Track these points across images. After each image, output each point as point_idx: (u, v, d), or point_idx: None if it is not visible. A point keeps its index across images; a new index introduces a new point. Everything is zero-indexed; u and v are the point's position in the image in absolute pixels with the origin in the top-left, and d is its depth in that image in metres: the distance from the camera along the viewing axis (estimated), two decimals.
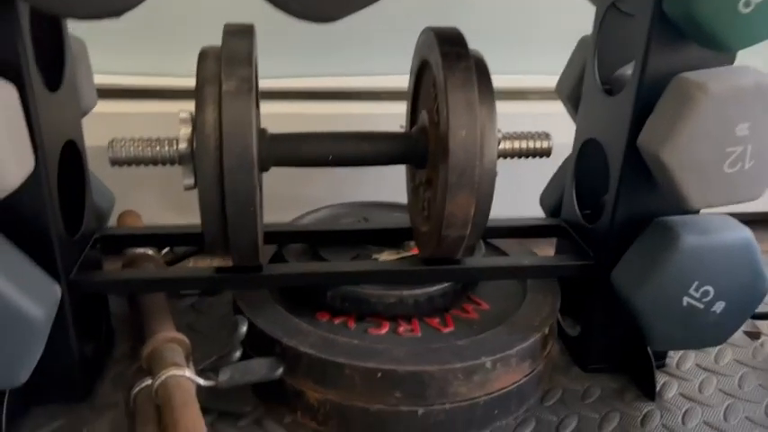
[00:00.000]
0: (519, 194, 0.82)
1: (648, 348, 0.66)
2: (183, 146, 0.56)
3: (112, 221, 0.79)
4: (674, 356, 0.72)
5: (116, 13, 0.43)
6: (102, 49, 0.72)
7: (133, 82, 0.89)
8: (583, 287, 0.69)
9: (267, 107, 0.74)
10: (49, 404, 0.62)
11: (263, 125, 0.61)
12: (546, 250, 0.82)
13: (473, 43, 0.58)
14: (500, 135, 0.62)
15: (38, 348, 0.53)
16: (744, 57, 0.57)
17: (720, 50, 0.54)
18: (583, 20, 0.70)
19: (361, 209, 0.81)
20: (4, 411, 0.57)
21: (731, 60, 0.57)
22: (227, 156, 0.51)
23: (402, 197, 0.75)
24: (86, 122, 0.66)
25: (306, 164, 0.62)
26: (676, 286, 0.58)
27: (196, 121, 0.53)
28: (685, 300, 0.59)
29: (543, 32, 0.95)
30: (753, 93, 0.52)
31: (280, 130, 0.61)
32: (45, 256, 0.55)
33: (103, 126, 0.69)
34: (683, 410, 0.65)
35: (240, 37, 0.56)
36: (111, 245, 0.69)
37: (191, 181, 0.57)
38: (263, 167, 0.60)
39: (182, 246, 0.74)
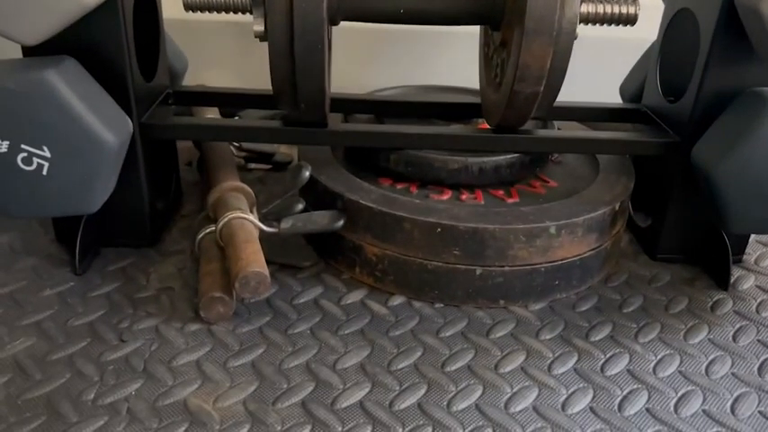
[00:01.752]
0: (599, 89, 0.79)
1: (724, 235, 0.62)
2: None
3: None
4: (752, 254, 0.68)
5: None
6: None
7: None
8: (658, 176, 0.65)
9: None
10: (119, 247, 0.64)
11: None
12: None
13: None
14: None
15: (110, 176, 0.55)
16: None
17: None
18: None
19: (430, 91, 0.79)
20: (79, 241, 0.59)
21: None
22: None
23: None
24: None
25: (376, 18, 0.60)
26: (763, 159, 0.54)
27: None
28: None
29: None
30: None
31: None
32: (120, 94, 0.56)
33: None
34: (759, 300, 0.61)
35: None
36: (183, 101, 0.70)
37: (261, 27, 0.56)
38: (333, 19, 0.59)
39: (250, 107, 0.74)
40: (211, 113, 0.74)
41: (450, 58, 0.85)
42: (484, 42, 0.68)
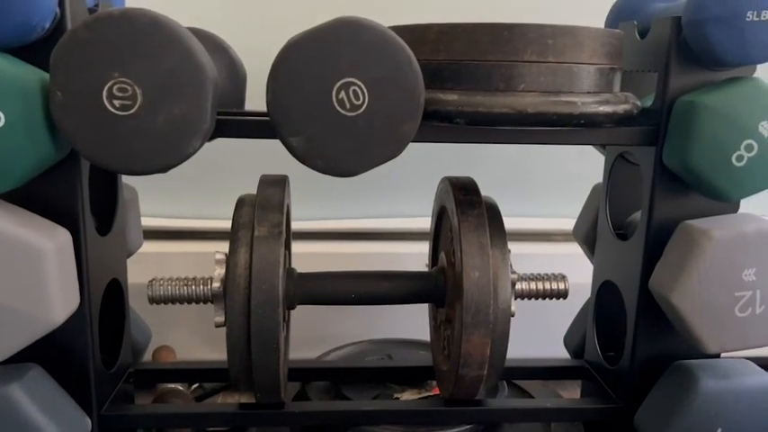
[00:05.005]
0: (545, 335, 0.83)
1: None
2: (216, 285, 0.60)
3: (148, 355, 0.82)
4: None
5: (163, 169, 0.49)
6: (150, 196, 0.79)
7: (176, 224, 0.96)
8: (610, 431, 0.67)
9: (301, 247, 0.78)
10: None
11: (296, 263, 0.65)
12: (572, 391, 0.81)
13: (494, 189, 0.63)
14: (516, 276, 0.64)
15: None
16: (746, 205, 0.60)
17: (720, 200, 0.57)
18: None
19: (386, 346, 0.83)
20: None
21: (735, 208, 0.60)
22: (254, 293, 0.55)
23: (427, 334, 0.76)
24: (131, 261, 0.71)
25: (330, 302, 0.65)
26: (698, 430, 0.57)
27: (229, 262, 0.58)
28: None
29: (562, 179, 1.00)
30: (756, 239, 0.54)
31: (313, 268, 0.65)
32: (80, 388, 0.58)
33: (147, 265, 0.75)
34: None
35: (274, 186, 0.61)
36: (144, 379, 0.71)
37: (221, 318, 0.60)
38: (290, 305, 0.64)
39: (211, 381, 0.76)
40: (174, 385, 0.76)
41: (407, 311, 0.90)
42: (432, 313, 0.73)
